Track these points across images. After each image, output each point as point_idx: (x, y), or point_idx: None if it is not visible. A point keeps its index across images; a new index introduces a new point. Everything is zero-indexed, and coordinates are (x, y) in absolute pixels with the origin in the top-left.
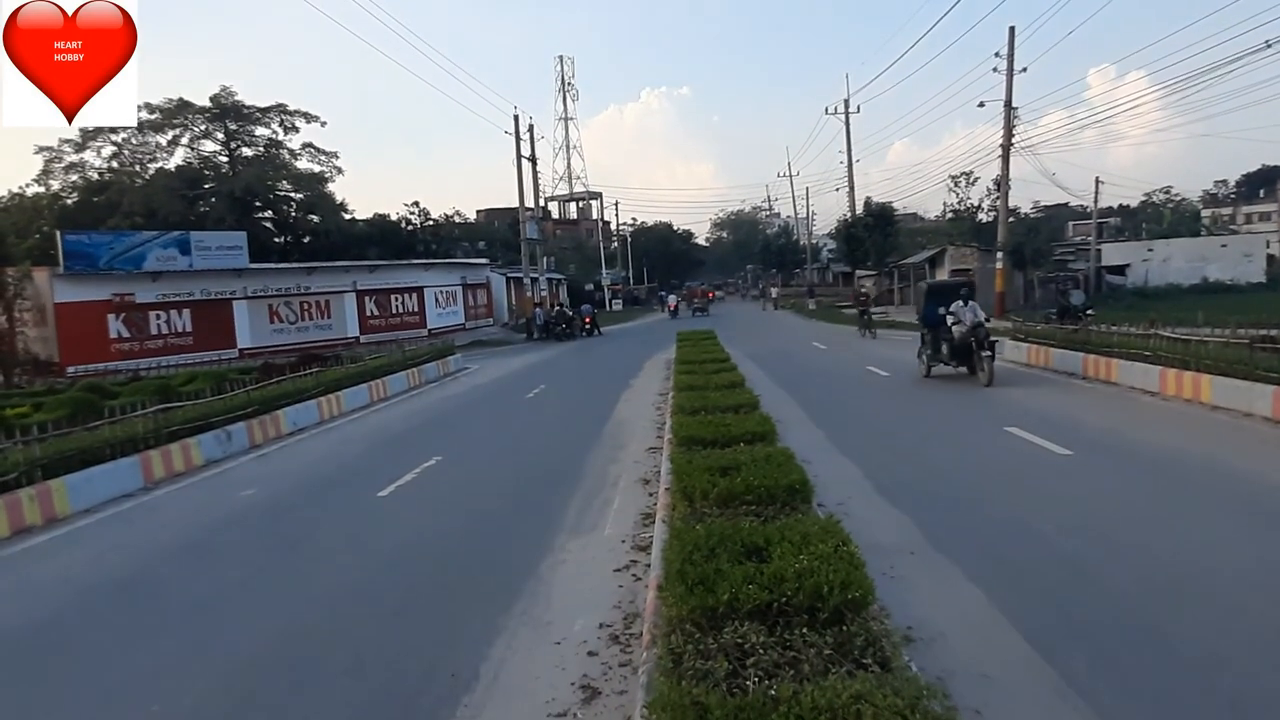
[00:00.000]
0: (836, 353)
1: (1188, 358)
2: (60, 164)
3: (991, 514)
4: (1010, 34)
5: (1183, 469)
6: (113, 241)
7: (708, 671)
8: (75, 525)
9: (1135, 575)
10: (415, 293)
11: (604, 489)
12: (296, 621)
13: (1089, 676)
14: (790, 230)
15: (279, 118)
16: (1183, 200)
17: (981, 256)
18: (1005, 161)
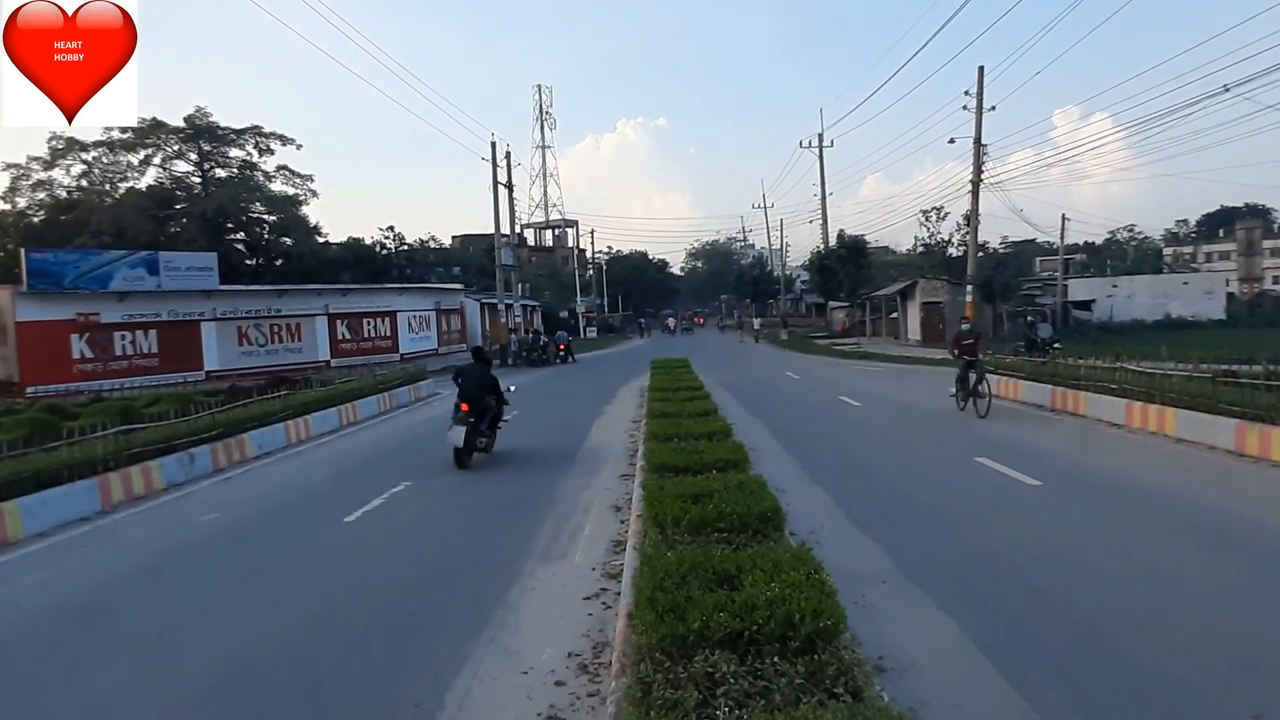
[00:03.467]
0: (809, 382)
1: (1153, 391)
2: (28, 181)
3: (963, 543)
4: (979, 73)
5: (1149, 500)
6: (79, 260)
7: (677, 701)
8: (27, 549)
9: (1104, 604)
10: (388, 317)
11: (575, 515)
12: (256, 650)
13: (1059, 705)
14: (764, 261)
15: (254, 139)
16: (1145, 238)
17: (951, 290)
18: (975, 197)
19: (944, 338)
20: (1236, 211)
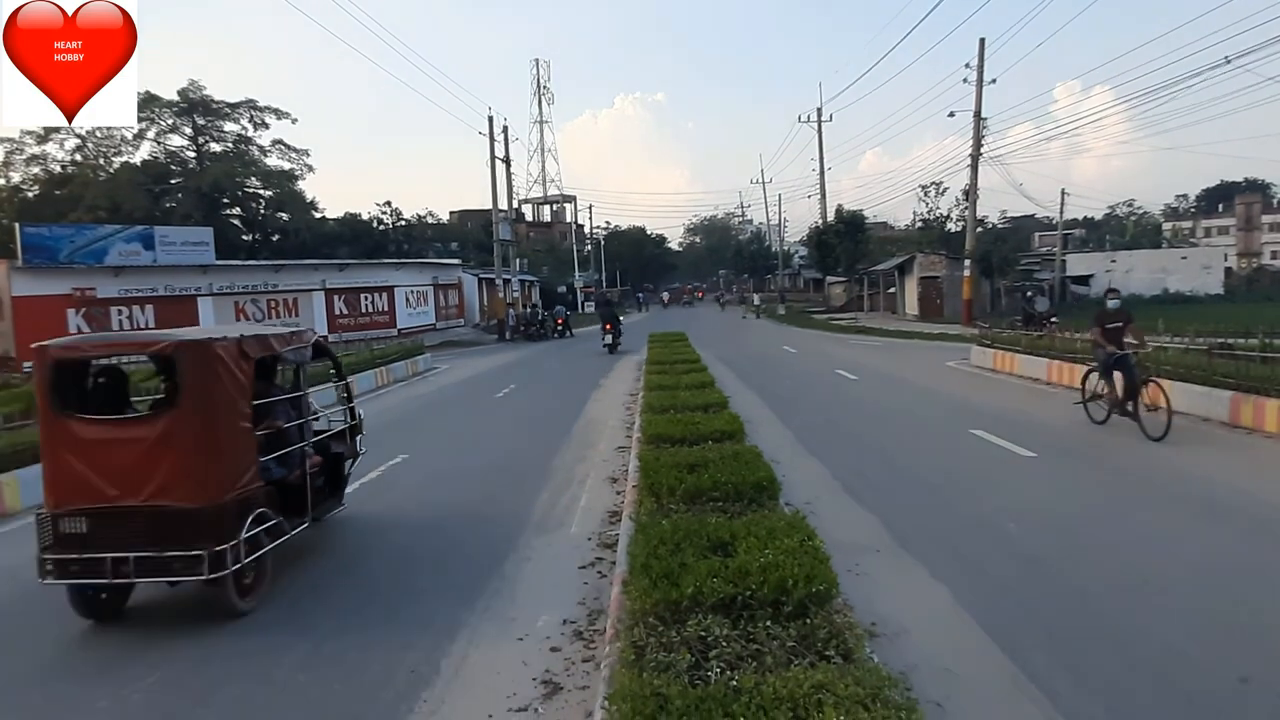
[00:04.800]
0: (806, 356)
1: (1148, 364)
2: (21, 155)
3: (957, 513)
4: (980, 45)
5: (1139, 471)
6: (74, 235)
7: (670, 663)
8: (25, 521)
9: (1095, 572)
10: (386, 292)
11: (571, 487)
12: (252, 614)
13: (1049, 671)
14: (763, 236)
15: (249, 113)
16: (1145, 213)
17: (950, 264)
18: (974, 171)
19: (942, 312)
20: (1236, 186)
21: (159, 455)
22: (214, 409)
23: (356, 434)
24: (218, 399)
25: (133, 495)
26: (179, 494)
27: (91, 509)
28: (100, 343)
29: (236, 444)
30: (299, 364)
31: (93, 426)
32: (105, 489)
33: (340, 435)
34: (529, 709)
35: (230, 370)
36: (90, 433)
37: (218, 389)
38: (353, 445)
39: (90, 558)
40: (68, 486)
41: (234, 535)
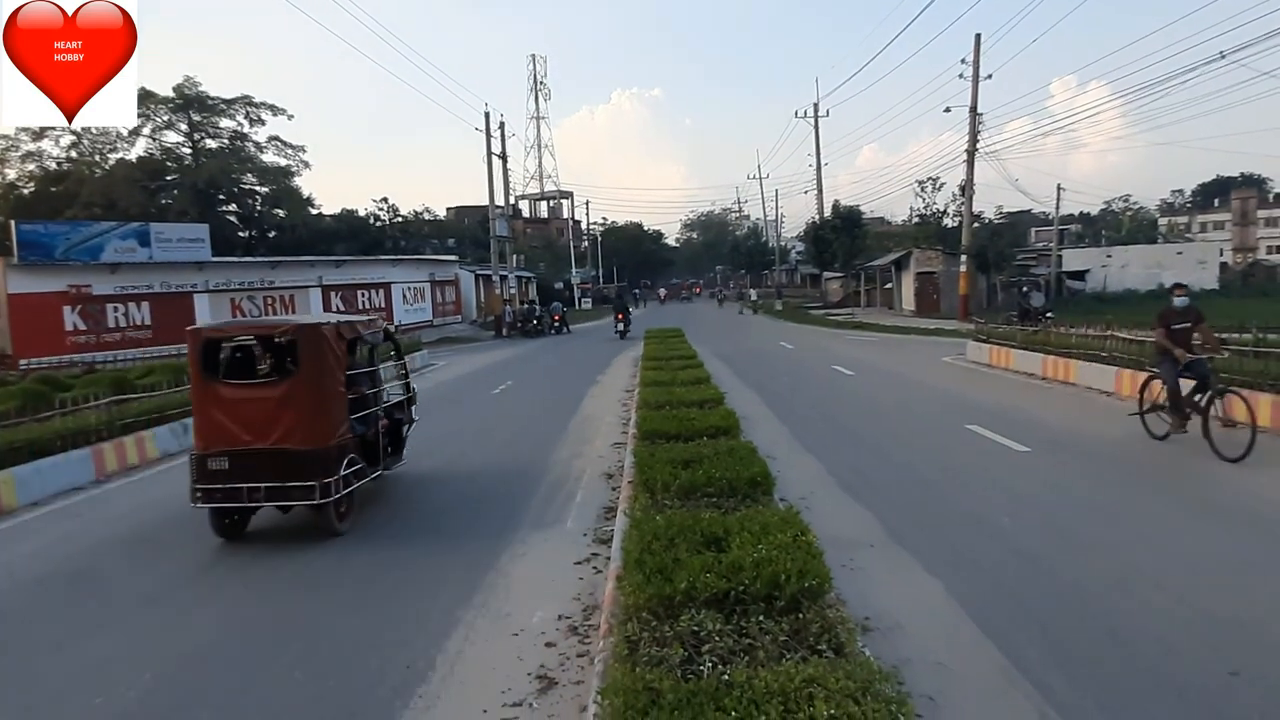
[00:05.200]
0: (803, 352)
1: (1143, 359)
2: (16, 152)
3: (951, 508)
4: (976, 41)
5: (1136, 465)
6: (69, 232)
7: (662, 658)
8: (21, 518)
9: (1089, 567)
10: (382, 289)
11: (567, 483)
12: (247, 615)
13: (1042, 665)
14: (760, 232)
15: (244, 109)
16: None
17: (946, 260)
18: (970, 167)
19: (938, 308)
20: (1232, 181)
21: (282, 410)
22: (322, 376)
23: (412, 404)
24: (325, 369)
25: (262, 440)
26: (297, 439)
27: (231, 450)
28: (239, 326)
29: (337, 404)
30: (373, 345)
31: (232, 388)
32: (241, 435)
33: (400, 404)
34: (524, 704)
35: (332, 348)
36: (230, 393)
37: (325, 362)
38: (409, 413)
39: (230, 487)
40: (213, 434)
41: (335, 472)
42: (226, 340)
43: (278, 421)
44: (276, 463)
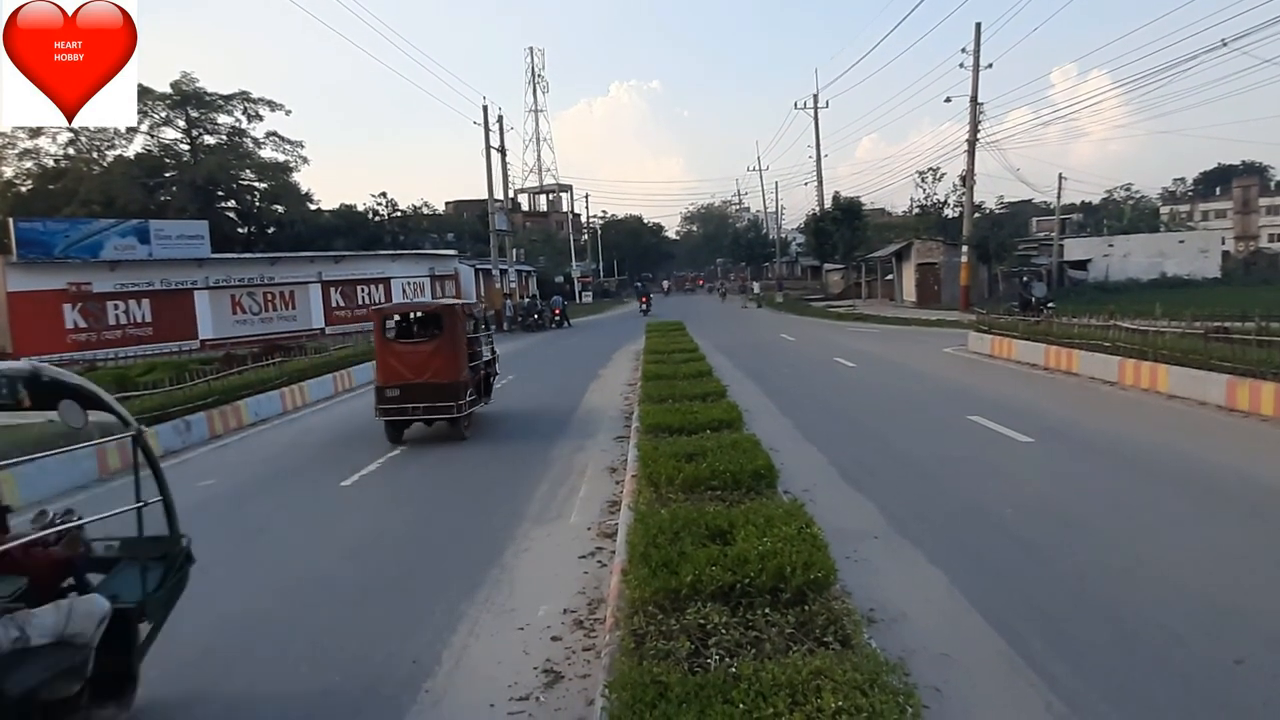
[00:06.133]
0: (804, 345)
1: (1145, 348)
2: (14, 150)
3: (955, 499)
4: (976, 30)
5: (1139, 455)
6: (68, 229)
7: (669, 651)
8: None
9: (1092, 557)
10: (382, 284)
11: (570, 477)
12: (255, 609)
13: (1046, 655)
14: (760, 224)
15: (242, 105)
16: (1142, 197)
17: (947, 251)
18: (971, 157)
19: (939, 299)
20: (1233, 169)
21: (432, 358)
22: (456, 338)
23: (495, 362)
24: (457, 333)
25: (419, 376)
26: (442, 376)
27: (400, 384)
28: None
29: (463, 355)
30: (478, 320)
31: (400, 344)
32: (406, 374)
33: (490, 361)
34: (530, 698)
35: (460, 319)
36: (399, 348)
37: (457, 329)
38: (493, 368)
39: (399, 407)
40: (388, 374)
41: (463, 397)
42: (397, 315)
43: (429, 365)
44: (428, 391)
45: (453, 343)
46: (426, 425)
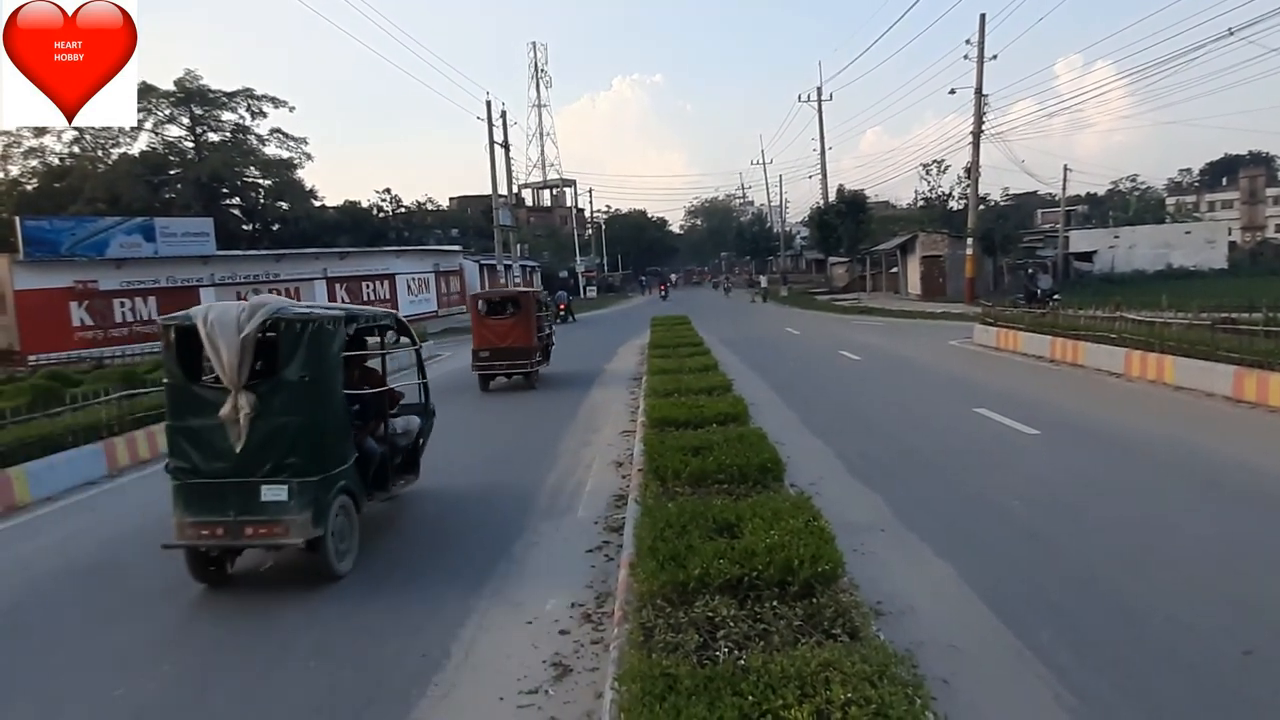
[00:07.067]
0: (809, 338)
1: (1152, 340)
2: (19, 149)
3: (961, 492)
4: (981, 21)
5: (1146, 447)
6: (74, 228)
7: (678, 644)
8: (36, 513)
9: (1100, 549)
10: (387, 280)
11: (577, 471)
12: (262, 606)
13: (1054, 646)
14: (764, 218)
15: (246, 102)
16: (1148, 188)
17: (952, 243)
18: (976, 149)
19: (944, 291)
20: (1240, 160)
21: (513, 328)
22: (530, 314)
23: (553, 336)
24: (531, 311)
25: (502, 342)
26: (520, 342)
27: (489, 348)
28: (493, 292)
29: (534, 327)
30: (542, 304)
31: (491, 319)
32: (494, 340)
33: (549, 335)
34: (539, 691)
35: (534, 302)
36: (489, 321)
37: (531, 308)
38: (552, 340)
39: (489, 363)
40: (481, 341)
41: (534, 358)
42: (488, 299)
43: (510, 334)
44: (509, 353)
45: (527, 318)
46: (506, 379)
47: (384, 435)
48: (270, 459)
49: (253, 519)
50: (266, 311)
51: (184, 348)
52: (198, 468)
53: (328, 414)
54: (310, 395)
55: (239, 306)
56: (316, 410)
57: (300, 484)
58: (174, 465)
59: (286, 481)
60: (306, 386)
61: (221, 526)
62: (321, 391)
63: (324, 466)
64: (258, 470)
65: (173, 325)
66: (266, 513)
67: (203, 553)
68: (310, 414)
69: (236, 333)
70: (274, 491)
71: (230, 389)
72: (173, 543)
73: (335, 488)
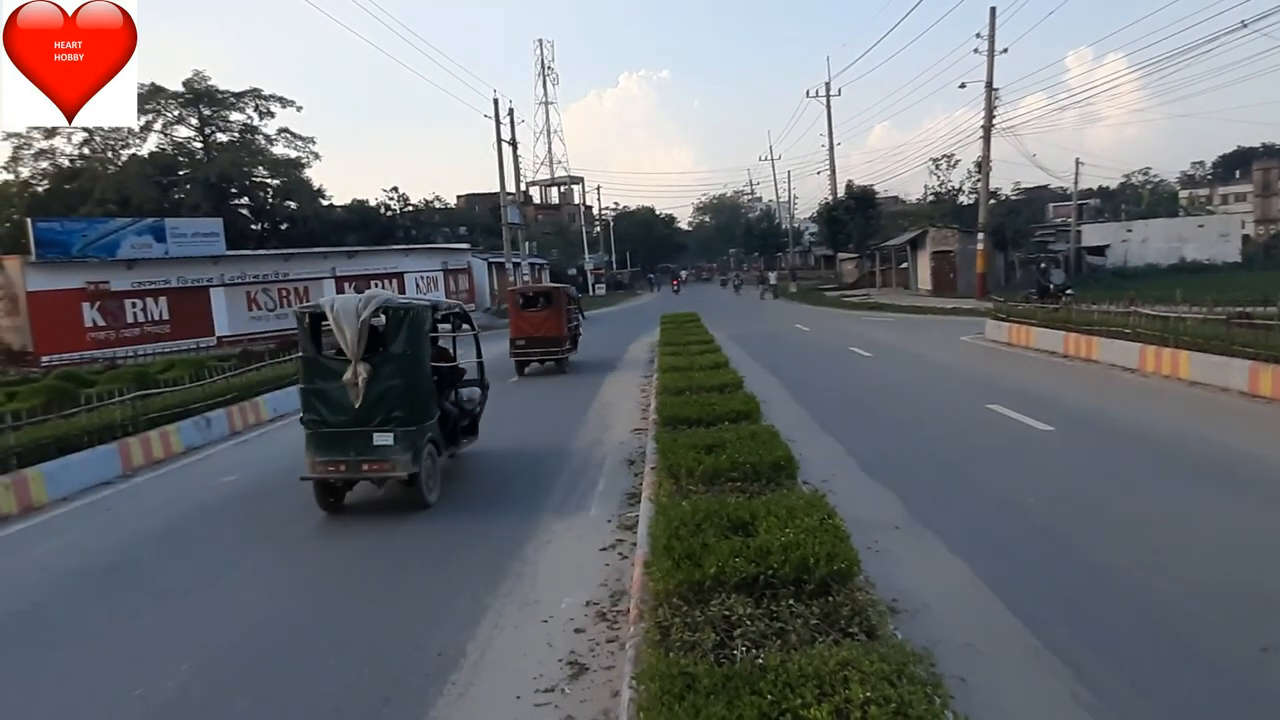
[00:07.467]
0: (819, 335)
1: (1166, 335)
2: (30, 150)
3: (974, 488)
4: (991, 14)
5: (1161, 442)
6: (85, 229)
7: (695, 643)
8: (52, 514)
9: (1116, 545)
10: (395, 279)
11: (589, 470)
12: (279, 606)
13: (1071, 643)
14: (772, 214)
15: (254, 102)
16: (1161, 181)
17: (963, 238)
18: (986, 143)
19: (955, 287)
20: (1254, 152)
21: (547, 319)
22: (561, 307)
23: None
24: (563, 306)
25: (537, 332)
26: (552, 332)
27: (526, 337)
28: (529, 287)
29: (565, 319)
30: (572, 298)
31: (527, 311)
32: (529, 330)
33: (578, 326)
34: (556, 689)
35: (565, 297)
36: (526, 313)
37: (563, 302)
38: (580, 330)
39: (525, 351)
40: (518, 330)
41: (565, 345)
42: (525, 294)
43: (543, 325)
44: (543, 341)
45: (558, 311)
46: (540, 364)
47: (455, 401)
48: (380, 413)
49: (367, 458)
50: (378, 302)
51: (313, 329)
52: (325, 420)
53: (421, 379)
54: (409, 365)
55: (357, 297)
56: (413, 376)
57: (402, 432)
58: (307, 418)
59: (392, 430)
60: (407, 358)
61: (344, 463)
62: (417, 362)
63: (419, 419)
64: (371, 421)
65: (306, 312)
66: (378, 454)
67: (328, 484)
68: (409, 379)
69: (356, 317)
70: (383, 437)
71: (351, 360)
72: (307, 475)
73: (426, 436)
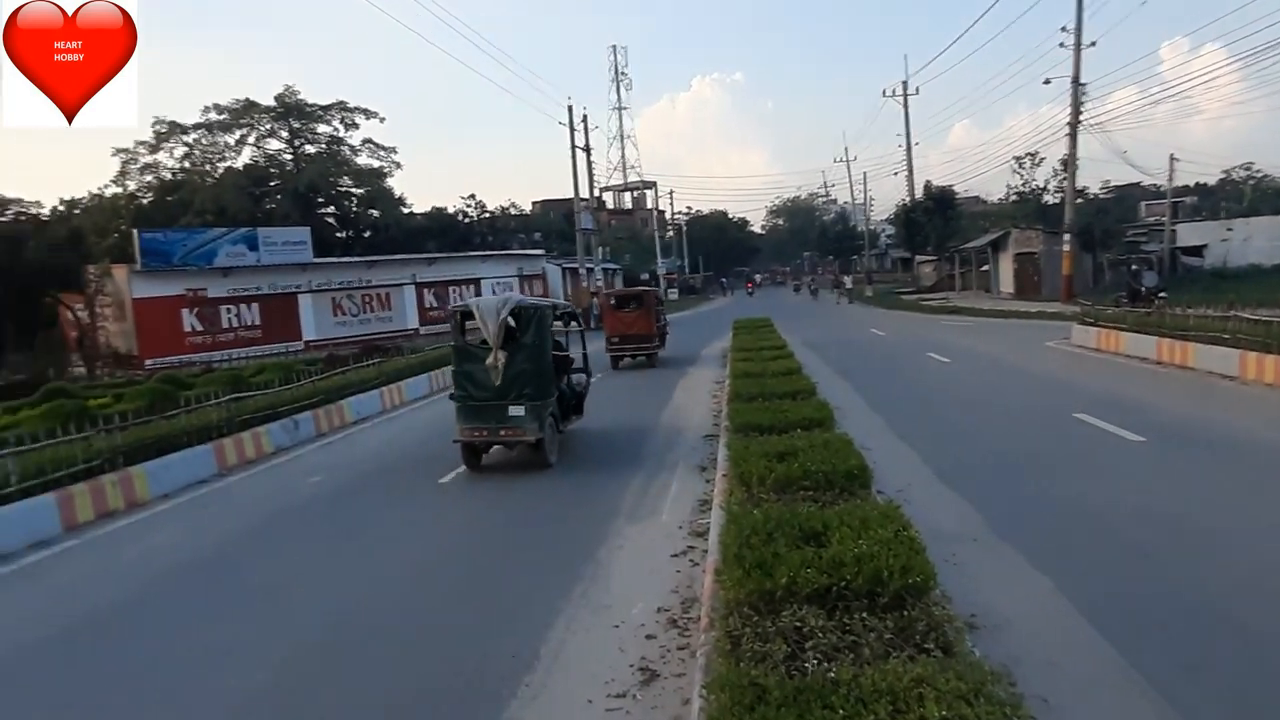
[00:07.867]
0: (895, 339)
1: (1270, 340)
2: (135, 165)
3: (1059, 501)
4: (1078, 6)
5: (1262, 456)
6: (185, 239)
7: (766, 653)
8: (155, 510)
9: (1212, 565)
10: (473, 284)
11: (661, 475)
12: (363, 604)
13: (1162, 667)
14: (847, 216)
15: (340, 115)
16: (1265, 176)
17: (1047, 239)
18: (1072, 140)
19: (1039, 290)
20: None
21: (638, 319)
22: (651, 308)
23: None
24: (653, 306)
25: (629, 330)
26: (643, 330)
27: (619, 335)
28: (622, 291)
29: (654, 318)
30: (659, 299)
31: (619, 311)
32: (623, 329)
33: (665, 325)
34: (627, 695)
35: (655, 299)
36: (619, 313)
37: (653, 304)
38: (666, 330)
39: (620, 347)
40: (613, 329)
41: (655, 342)
42: (617, 296)
43: (637, 324)
44: (635, 338)
45: (648, 311)
46: (632, 359)
47: (567, 384)
48: (514, 390)
49: (504, 425)
50: (512, 302)
51: (462, 323)
52: (471, 395)
53: (545, 364)
54: (536, 352)
55: (497, 299)
56: (539, 362)
57: (531, 405)
58: (457, 394)
59: (524, 404)
60: (535, 347)
61: (485, 430)
62: (542, 351)
63: (543, 395)
64: (507, 396)
65: (457, 310)
66: (512, 422)
67: (473, 446)
68: (536, 364)
69: (497, 315)
70: (516, 410)
71: (492, 348)
72: (458, 439)
73: (549, 410)
